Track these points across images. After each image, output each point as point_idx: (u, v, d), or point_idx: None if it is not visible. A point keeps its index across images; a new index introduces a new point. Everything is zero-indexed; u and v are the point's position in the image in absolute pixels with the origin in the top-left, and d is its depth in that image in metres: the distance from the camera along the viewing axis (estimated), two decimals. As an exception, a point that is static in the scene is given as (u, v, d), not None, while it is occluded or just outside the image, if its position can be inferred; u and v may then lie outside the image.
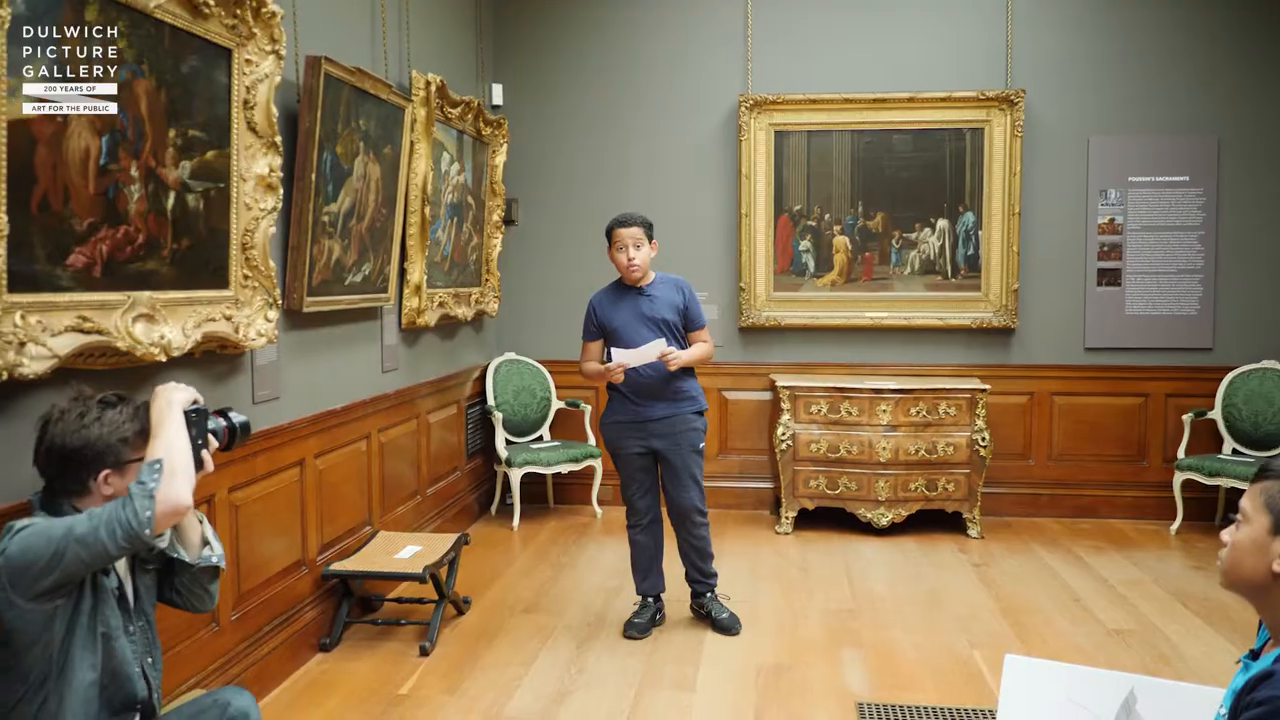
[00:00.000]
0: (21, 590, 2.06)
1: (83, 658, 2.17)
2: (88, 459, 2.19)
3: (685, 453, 4.35)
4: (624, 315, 4.33)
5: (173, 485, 2.12)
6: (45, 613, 2.10)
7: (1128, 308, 6.28)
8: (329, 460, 4.30)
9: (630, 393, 4.33)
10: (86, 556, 2.06)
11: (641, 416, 4.34)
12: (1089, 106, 6.23)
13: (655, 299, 4.34)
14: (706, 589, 4.50)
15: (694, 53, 6.50)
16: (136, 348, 2.83)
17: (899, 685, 3.84)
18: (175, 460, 2.16)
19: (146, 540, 2.08)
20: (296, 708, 3.63)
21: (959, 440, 5.90)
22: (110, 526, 2.05)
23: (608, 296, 4.42)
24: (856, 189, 6.37)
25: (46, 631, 2.11)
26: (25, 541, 2.06)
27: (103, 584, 2.23)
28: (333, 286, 4.23)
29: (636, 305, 4.33)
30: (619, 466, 4.47)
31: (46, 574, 2.05)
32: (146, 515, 2.07)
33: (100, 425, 2.21)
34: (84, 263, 2.71)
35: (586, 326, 4.46)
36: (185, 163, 3.15)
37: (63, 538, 2.05)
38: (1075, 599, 4.84)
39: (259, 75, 3.45)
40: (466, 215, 5.90)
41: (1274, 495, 1.67)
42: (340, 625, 4.23)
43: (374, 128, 4.48)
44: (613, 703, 3.69)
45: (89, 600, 2.18)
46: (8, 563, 2.06)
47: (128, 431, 2.24)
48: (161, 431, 2.22)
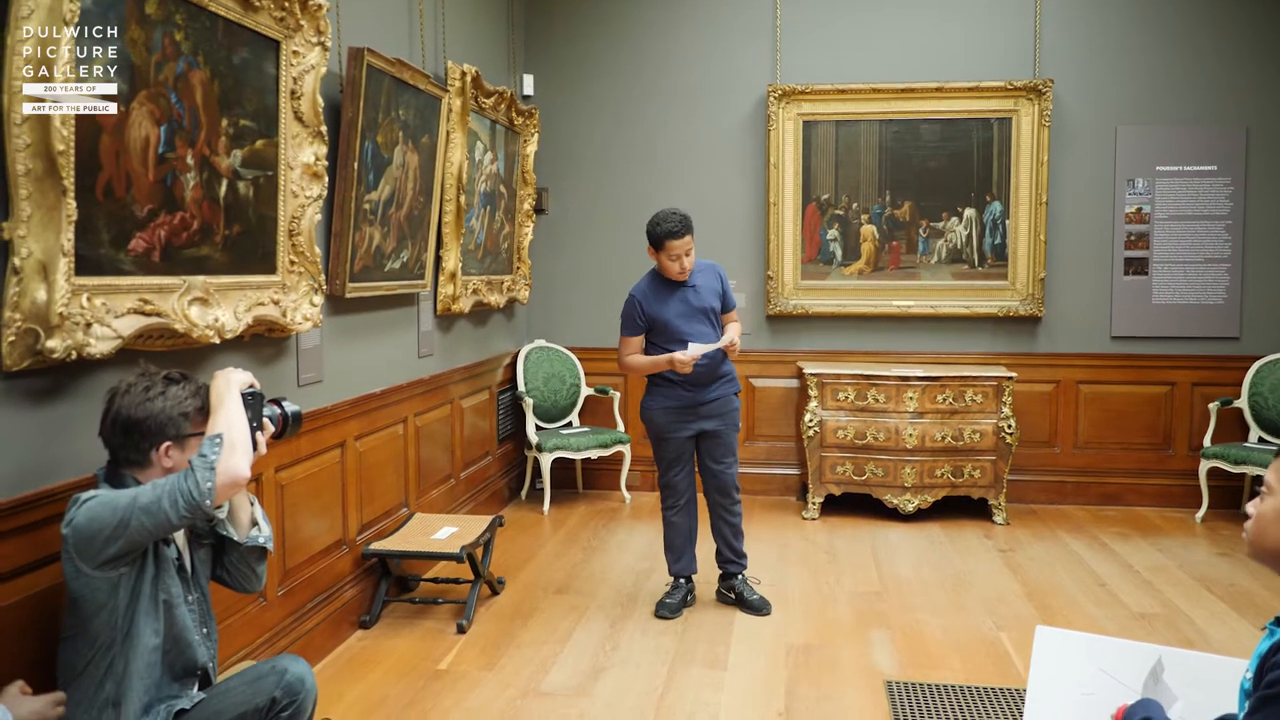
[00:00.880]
0: (88, 558, 2.17)
1: (146, 624, 2.28)
2: (150, 430, 2.30)
3: (731, 431, 4.46)
4: (674, 308, 4.35)
5: (233, 458, 2.23)
6: (110, 580, 2.21)
7: (1154, 297, 6.31)
8: (368, 443, 4.41)
9: (682, 378, 4.36)
10: (150, 525, 2.16)
11: (694, 400, 4.38)
12: (1117, 96, 6.26)
13: (699, 289, 4.39)
14: (739, 569, 4.57)
15: (723, 43, 6.56)
16: (193, 330, 2.94)
17: (927, 664, 3.92)
18: (235, 435, 2.27)
19: (207, 510, 2.19)
20: (341, 681, 3.75)
21: (985, 427, 5.95)
22: (173, 496, 2.16)
23: (651, 290, 4.40)
24: (884, 178, 6.42)
25: (112, 598, 2.22)
26: (92, 512, 2.17)
27: (164, 554, 2.34)
28: (373, 273, 4.33)
29: (684, 297, 4.36)
30: (663, 450, 4.49)
31: (112, 542, 2.16)
32: (208, 486, 2.17)
33: (164, 399, 2.32)
34: (144, 248, 2.81)
35: (630, 321, 4.41)
36: (237, 151, 3.25)
37: (127, 507, 2.16)
38: (1101, 584, 4.89)
39: (305, 66, 3.54)
40: (499, 204, 5.99)
41: None
42: (379, 603, 4.34)
43: (413, 117, 4.57)
44: (647, 679, 3.78)
45: (151, 569, 2.29)
46: (75, 532, 2.17)
47: (189, 407, 2.35)
48: (221, 409, 2.32)
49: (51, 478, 2.52)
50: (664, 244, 4.28)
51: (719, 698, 3.63)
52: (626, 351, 4.46)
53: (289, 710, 2.36)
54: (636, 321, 4.40)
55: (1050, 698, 2.15)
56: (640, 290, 4.42)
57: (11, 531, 2.39)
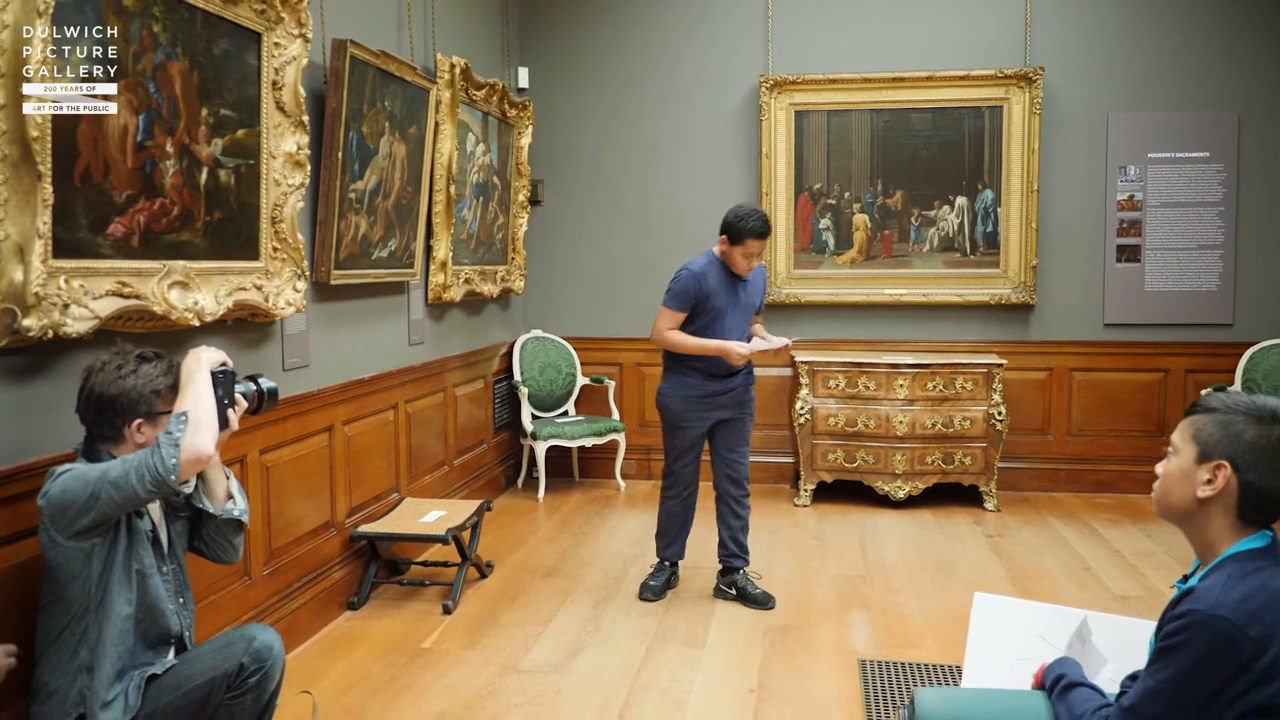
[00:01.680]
0: (61, 528, 2.27)
1: (119, 592, 2.36)
2: (122, 407, 2.39)
3: (747, 420, 4.51)
4: (726, 297, 4.34)
5: (196, 436, 2.30)
6: (84, 550, 2.30)
7: (1147, 284, 6.33)
8: (357, 428, 4.49)
9: (710, 368, 4.36)
10: (119, 498, 2.25)
11: (715, 390, 4.38)
12: (1108, 84, 6.28)
13: (749, 286, 4.42)
14: (742, 564, 4.54)
15: (715, 35, 6.61)
16: (171, 312, 3.02)
17: (903, 644, 3.98)
18: (200, 413, 2.34)
19: (172, 485, 2.26)
20: (324, 658, 3.83)
21: (975, 414, 5.99)
22: (140, 471, 2.24)
23: (712, 274, 4.33)
24: (876, 167, 6.47)
25: (86, 567, 2.31)
26: (64, 484, 2.26)
27: (137, 526, 2.42)
28: (360, 261, 4.41)
29: (736, 291, 4.37)
30: (676, 439, 4.46)
31: (83, 514, 2.25)
32: (172, 462, 2.25)
33: (135, 377, 2.40)
34: (123, 232, 2.90)
35: (683, 296, 4.30)
36: (217, 140, 3.33)
37: (98, 480, 2.24)
38: (1085, 567, 4.93)
39: (287, 58, 3.63)
40: (492, 195, 6.07)
41: (1201, 428, 1.80)
42: (368, 585, 4.42)
43: (399, 108, 4.65)
44: (625, 656, 3.86)
45: (124, 540, 2.37)
46: (49, 504, 2.27)
47: (160, 385, 2.43)
48: (189, 387, 2.40)
49: (32, 452, 2.61)
50: (745, 240, 4.24)
51: (694, 675, 3.70)
52: (667, 324, 4.35)
53: (256, 676, 2.43)
54: (689, 298, 4.31)
55: (987, 662, 2.21)
56: (701, 269, 4.34)
57: (-9, 504, 2.48)
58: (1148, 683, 1.71)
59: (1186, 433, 1.82)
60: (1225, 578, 1.69)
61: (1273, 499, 1.74)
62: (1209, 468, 1.77)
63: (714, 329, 4.34)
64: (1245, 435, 1.75)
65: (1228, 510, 1.76)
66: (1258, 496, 1.74)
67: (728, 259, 4.33)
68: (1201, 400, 1.85)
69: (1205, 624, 1.64)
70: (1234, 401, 1.79)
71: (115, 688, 2.35)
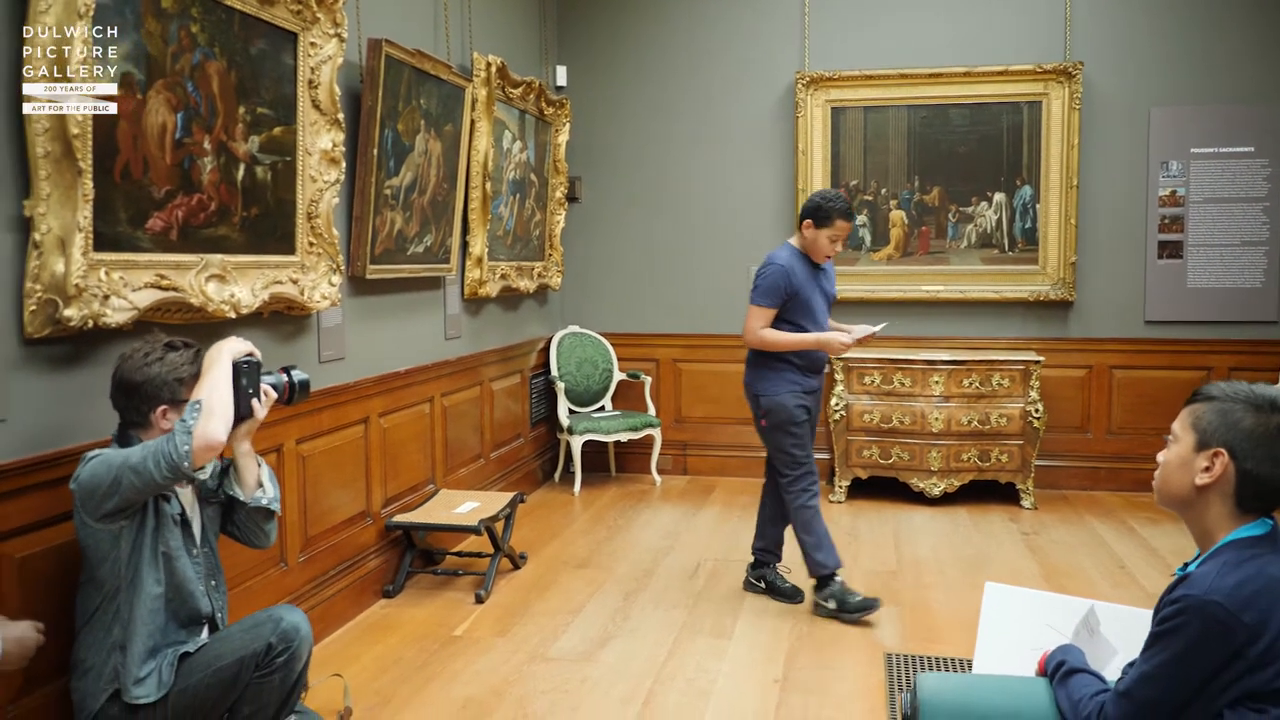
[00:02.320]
0: (90, 511, 2.37)
1: (149, 573, 2.46)
2: (148, 394, 2.49)
3: (816, 417, 4.48)
4: (811, 286, 4.30)
5: (209, 424, 2.37)
6: (112, 532, 2.41)
7: (1190, 280, 6.25)
8: (393, 420, 4.58)
9: (805, 363, 4.31)
10: (139, 483, 2.33)
11: (814, 386, 4.37)
12: (1149, 78, 6.21)
13: (828, 274, 4.43)
14: (775, 559, 4.52)
15: (751, 32, 6.63)
16: (208, 304, 3.12)
17: (930, 639, 3.98)
18: (214, 401, 2.42)
19: (185, 472, 2.34)
20: (357, 644, 3.92)
21: (1012, 411, 5.96)
22: (156, 458, 2.32)
23: (798, 266, 4.28)
24: (913, 163, 6.45)
25: (115, 548, 2.42)
26: (92, 469, 2.37)
27: (164, 509, 2.51)
28: (395, 256, 4.50)
29: (817, 279, 4.35)
30: (796, 436, 4.31)
31: (108, 498, 2.34)
32: (185, 449, 2.32)
33: (161, 365, 2.49)
34: (161, 227, 2.99)
35: (774, 292, 4.21)
36: (254, 137, 3.43)
37: (120, 466, 2.34)
38: (1120, 565, 4.90)
39: (323, 57, 3.71)
40: (529, 192, 6.14)
41: (1200, 416, 1.81)
42: (403, 574, 4.51)
43: (435, 106, 4.73)
44: (652, 647, 3.90)
45: (152, 522, 2.47)
46: (79, 487, 2.37)
47: (185, 373, 2.52)
48: (207, 375, 2.48)
49: (72, 438, 2.72)
50: (834, 222, 4.19)
51: (720, 665, 3.73)
52: (760, 323, 4.23)
53: (284, 656, 2.51)
54: (780, 292, 4.21)
55: (998, 651, 2.23)
56: (788, 262, 4.25)
57: (34, 487, 2.58)
58: (1143, 667, 1.73)
59: (1186, 421, 1.83)
60: (1221, 564, 1.70)
61: (1270, 487, 1.74)
62: (1207, 455, 1.78)
63: (807, 322, 4.27)
64: (1243, 423, 1.76)
65: (1225, 498, 1.78)
66: (1255, 484, 1.75)
67: (812, 245, 4.26)
68: (1201, 389, 1.85)
69: (1199, 609, 1.65)
70: (1233, 390, 1.80)
71: (148, 664, 2.44)
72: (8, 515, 2.52)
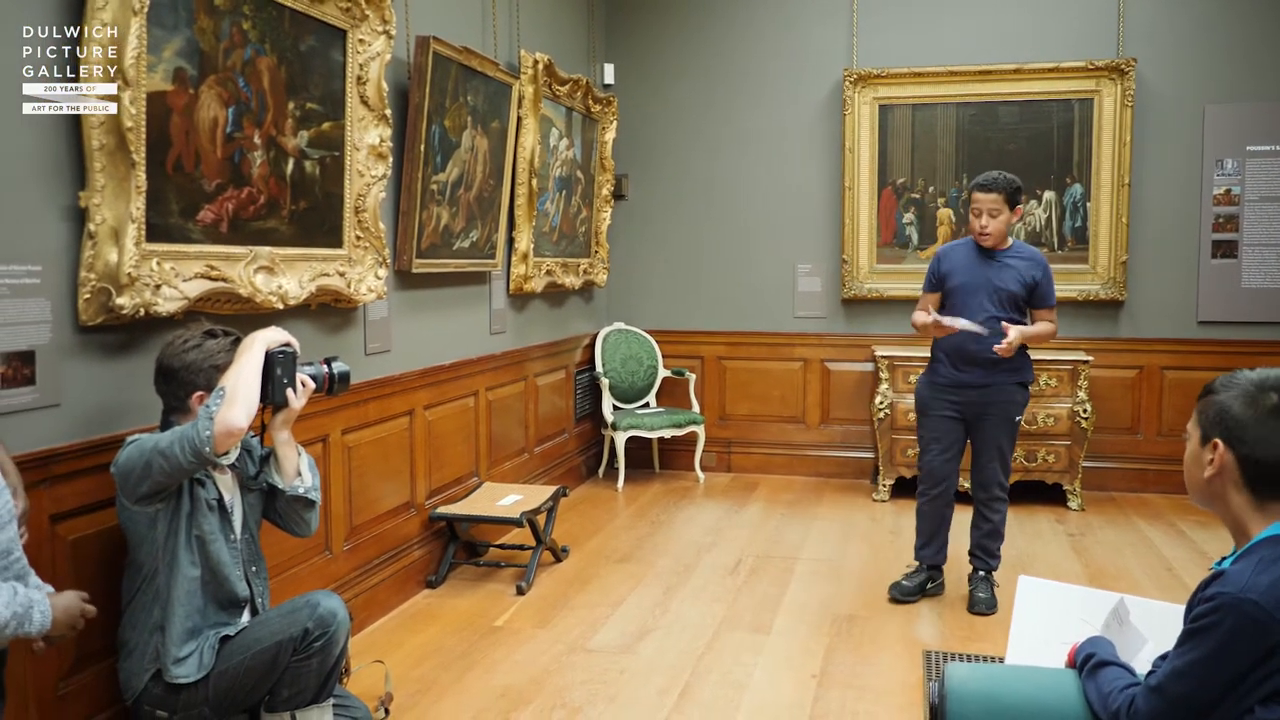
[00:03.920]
0: (127, 494, 2.45)
1: (185, 556, 2.53)
2: (185, 380, 2.55)
3: (999, 424, 4.21)
4: (968, 275, 4.15)
5: (230, 410, 2.40)
6: (149, 515, 2.47)
7: (1244, 280, 6.13)
8: (438, 413, 4.64)
9: (950, 356, 4.19)
10: (168, 468, 2.39)
11: (959, 381, 4.18)
12: (1204, 75, 6.10)
13: (1011, 268, 4.14)
14: (983, 566, 4.36)
15: (799, 28, 6.62)
16: (256, 295, 3.19)
17: (970, 637, 3.96)
18: (238, 389, 2.45)
19: (207, 456, 2.38)
20: (399, 633, 3.98)
21: (1059, 412, 5.89)
22: (182, 442, 2.38)
23: (958, 251, 4.23)
24: (961, 161, 6.39)
25: (152, 530, 2.49)
26: (129, 453, 2.43)
27: (199, 494, 2.57)
28: (441, 250, 4.56)
29: (986, 269, 4.14)
30: (921, 429, 4.35)
31: (141, 481, 2.41)
32: (206, 434, 2.37)
33: (199, 351, 2.55)
34: (212, 219, 3.07)
35: (928, 277, 4.31)
36: (303, 132, 3.49)
37: (151, 450, 2.40)
38: (1167, 568, 4.83)
39: (371, 54, 3.78)
40: (575, 189, 6.18)
41: (1202, 411, 1.83)
42: (446, 565, 4.57)
43: (482, 103, 4.78)
44: (690, 640, 3.92)
45: (187, 506, 2.53)
46: (118, 470, 2.45)
47: (221, 360, 2.57)
48: (237, 363, 2.52)
49: (123, 423, 2.80)
50: (972, 194, 4.17)
51: (757, 659, 3.74)
52: (919, 306, 4.33)
53: (321, 640, 2.55)
54: (930, 275, 4.30)
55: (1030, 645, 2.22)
56: (947, 248, 4.33)
57: (86, 470, 2.67)
58: (1175, 663, 1.72)
59: (1194, 418, 1.85)
60: (1256, 561, 1.69)
61: (1277, 469, 1.73)
62: (1209, 448, 1.79)
63: (956, 310, 4.12)
64: (1234, 410, 1.78)
65: (1238, 487, 1.77)
66: (1258, 468, 1.75)
67: (969, 227, 4.22)
68: (1209, 385, 1.86)
69: (1233, 606, 1.64)
70: (1230, 380, 1.82)
71: (188, 645, 2.50)
72: (61, 498, 2.60)
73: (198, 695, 2.51)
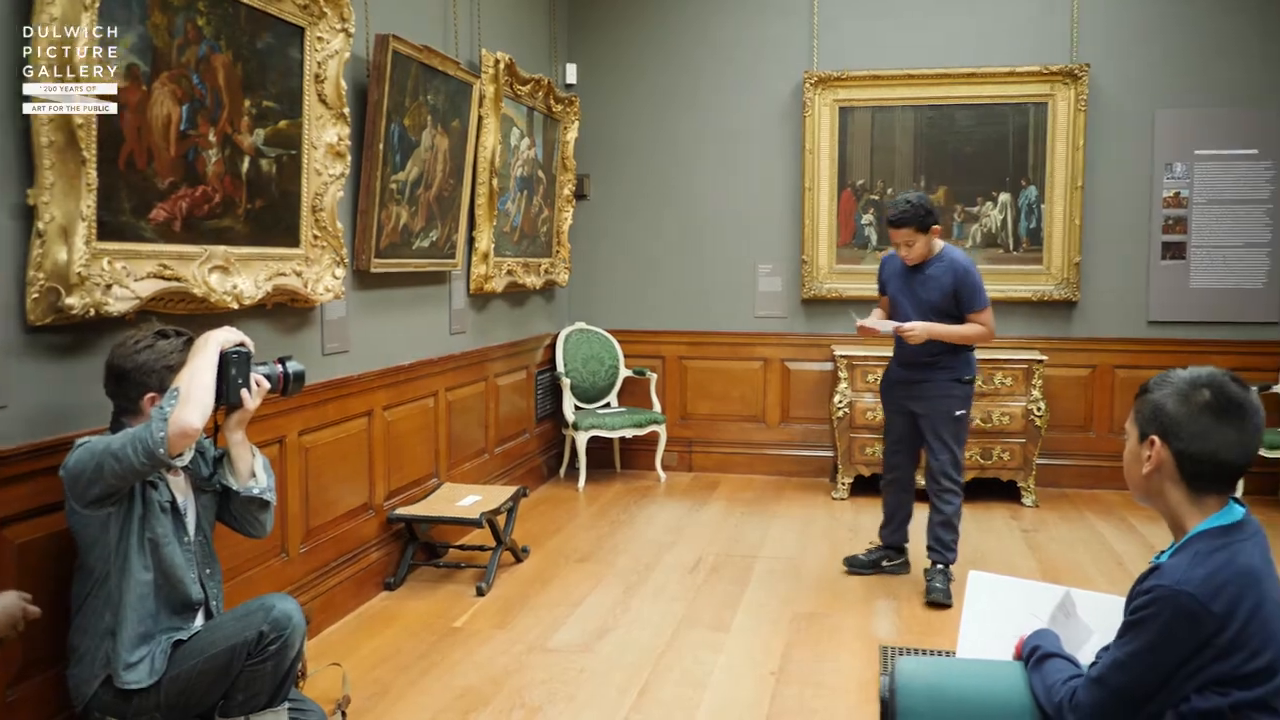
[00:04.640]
0: (77, 497, 2.40)
1: (138, 559, 2.48)
2: (136, 380, 2.51)
3: (938, 418, 4.43)
4: (897, 286, 4.53)
5: (184, 411, 2.36)
6: (100, 518, 2.42)
7: (1193, 281, 6.25)
8: (397, 413, 4.62)
9: (896, 356, 4.60)
10: (120, 469, 2.34)
11: (903, 378, 4.54)
12: (1155, 80, 6.21)
13: (929, 280, 4.40)
14: (940, 559, 4.46)
15: (760, 32, 6.66)
16: (211, 295, 3.16)
17: (926, 633, 4.01)
18: (192, 389, 2.41)
19: (161, 458, 2.33)
20: (356, 636, 3.96)
21: (1014, 410, 5.97)
22: (134, 444, 2.33)
23: (895, 261, 4.57)
24: (919, 163, 6.46)
25: (104, 534, 2.44)
26: (79, 455, 2.38)
27: (151, 496, 2.53)
28: (400, 250, 4.54)
29: (911, 281, 4.46)
30: (886, 421, 4.76)
31: (92, 484, 2.36)
32: (160, 436, 2.32)
33: (150, 352, 2.52)
34: (165, 217, 3.04)
35: (878, 282, 4.72)
36: (259, 130, 3.47)
37: (102, 452, 2.34)
38: (1118, 562, 4.91)
39: (329, 51, 3.76)
40: (537, 189, 6.18)
41: (1140, 409, 1.88)
42: (405, 567, 4.54)
43: (442, 102, 4.77)
44: (650, 639, 3.93)
45: (139, 509, 2.49)
46: (66, 473, 2.40)
47: (173, 360, 2.53)
48: (190, 363, 2.48)
49: (72, 425, 2.75)
50: (887, 227, 4.43)
51: (716, 657, 3.76)
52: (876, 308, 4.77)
53: (275, 644, 2.51)
54: (879, 283, 4.71)
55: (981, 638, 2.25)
56: (886, 256, 4.70)
57: (32, 474, 2.62)
58: (1115, 654, 1.76)
59: (1131, 417, 1.89)
60: (1192, 555, 1.73)
61: (1211, 463, 1.78)
62: (1146, 445, 1.83)
63: (896, 317, 4.50)
64: (1168, 406, 1.82)
65: (1175, 483, 1.82)
66: (1194, 463, 1.79)
67: None
68: (1145, 385, 1.90)
69: (1170, 599, 1.69)
70: (1164, 379, 1.87)
71: (140, 650, 2.46)
72: (7, 501, 2.56)
73: (149, 701, 2.47)
